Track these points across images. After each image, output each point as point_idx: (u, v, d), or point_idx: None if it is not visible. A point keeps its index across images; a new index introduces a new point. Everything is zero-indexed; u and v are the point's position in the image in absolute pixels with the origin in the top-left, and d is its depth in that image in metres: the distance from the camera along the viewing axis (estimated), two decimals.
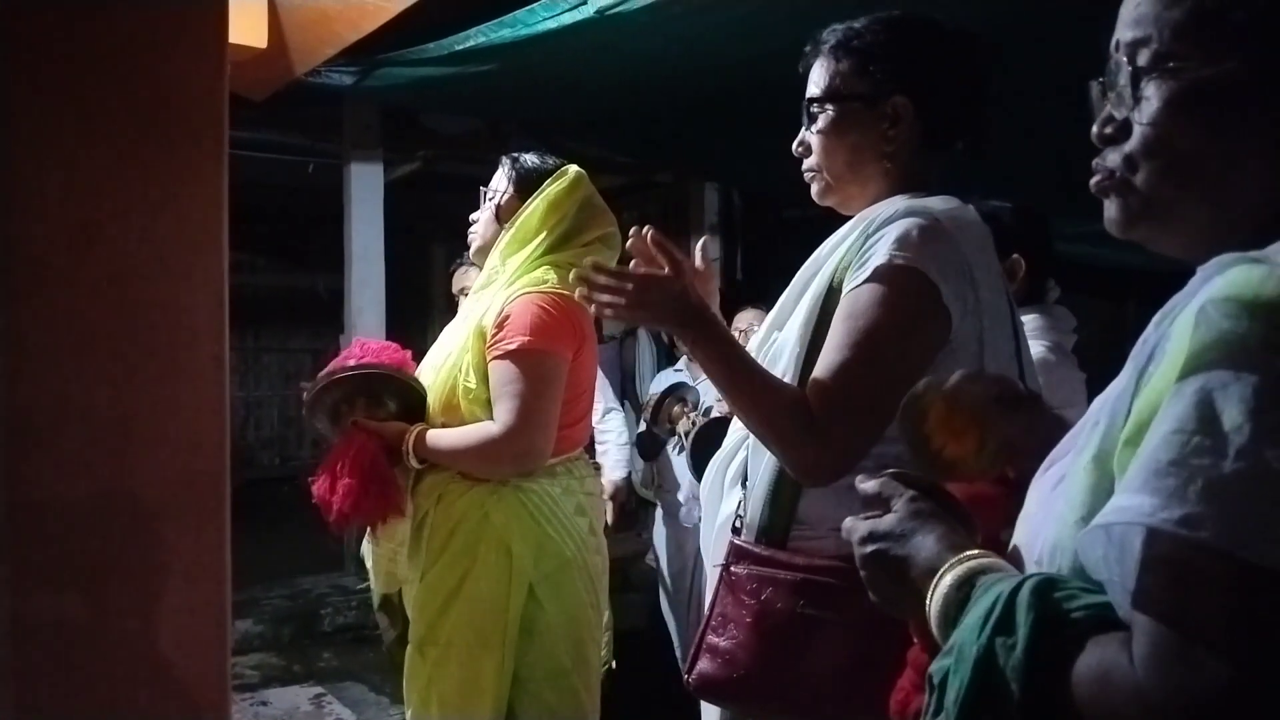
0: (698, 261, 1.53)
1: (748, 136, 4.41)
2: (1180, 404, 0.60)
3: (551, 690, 1.98)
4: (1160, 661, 0.58)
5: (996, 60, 1.38)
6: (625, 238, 1.38)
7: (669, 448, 3.39)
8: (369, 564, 2.36)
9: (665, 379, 3.49)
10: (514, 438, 1.87)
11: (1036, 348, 1.84)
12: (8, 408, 1.13)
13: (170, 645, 1.20)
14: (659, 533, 3.51)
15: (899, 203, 1.27)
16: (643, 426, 3.55)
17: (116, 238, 1.17)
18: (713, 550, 1.39)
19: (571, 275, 1.86)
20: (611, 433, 3.30)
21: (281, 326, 8.46)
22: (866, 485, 0.87)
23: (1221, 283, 0.62)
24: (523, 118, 5.15)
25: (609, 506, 3.06)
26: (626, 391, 4.84)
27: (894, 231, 1.22)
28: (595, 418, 3.16)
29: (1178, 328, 0.63)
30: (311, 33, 3.42)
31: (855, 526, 0.85)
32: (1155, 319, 0.68)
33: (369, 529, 2.23)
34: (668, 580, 3.47)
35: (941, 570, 0.76)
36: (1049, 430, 0.90)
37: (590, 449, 3.21)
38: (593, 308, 1.37)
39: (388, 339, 5.15)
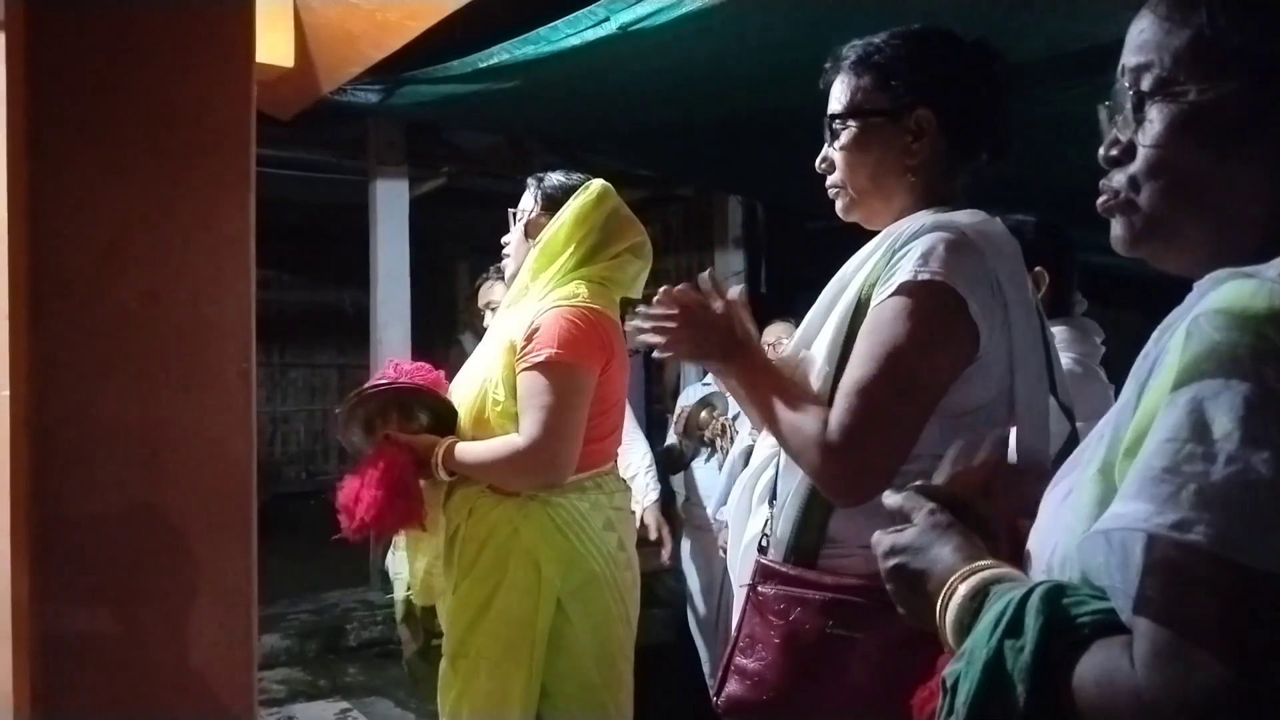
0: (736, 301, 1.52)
1: (770, 148, 4.41)
2: (1174, 413, 0.63)
3: (579, 705, 1.98)
4: (1158, 663, 0.61)
5: (1019, 72, 1.37)
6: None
7: (700, 459, 3.37)
8: (394, 577, 2.37)
9: (695, 392, 3.48)
10: (539, 449, 1.88)
11: (1063, 360, 1.82)
12: (38, 427, 1.13)
13: (196, 662, 1.21)
14: (686, 547, 3.49)
15: (925, 217, 1.26)
16: (671, 439, 3.54)
17: (144, 258, 1.18)
18: (739, 569, 1.38)
19: (569, 291, 1.95)
20: (635, 455, 3.26)
21: (308, 342, 8.52)
22: (891, 500, 0.90)
23: (1215, 297, 0.65)
24: (545, 133, 5.18)
25: (664, 535, 3.09)
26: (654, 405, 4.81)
27: (920, 246, 1.21)
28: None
29: (1174, 341, 0.66)
30: (338, 52, 3.45)
31: (879, 540, 0.88)
32: (1155, 334, 0.71)
33: (393, 541, 2.24)
34: (695, 596, 3.44)
35: (954, 580, 0.78)
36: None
37: None
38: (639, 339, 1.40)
39: (413, 354, 5.20)
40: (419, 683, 2.76)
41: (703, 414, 3.22)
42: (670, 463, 3.48)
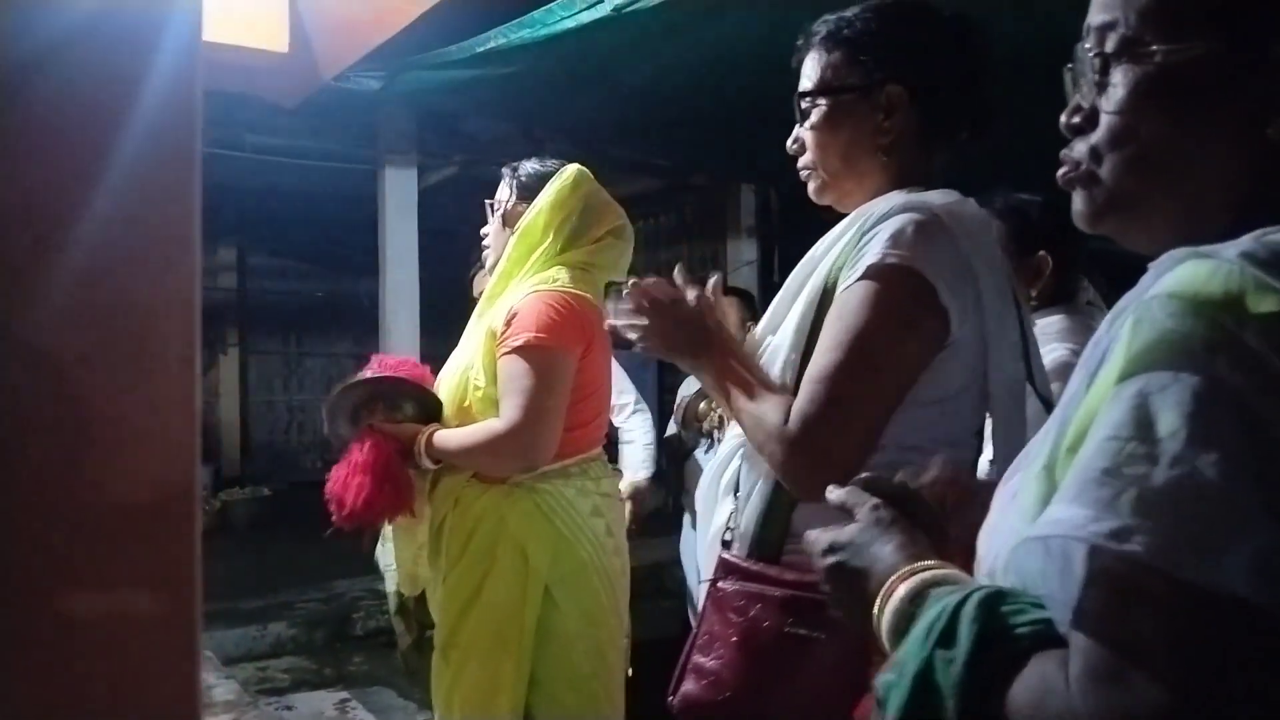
0: (710, 295, 1.48)
1: (783, 136, 4.33)
2: (1118, 408, 0.57)
3: (570, 694, 1.96)
4: (1093, 684, 0.56)
5: (1017, 45, 1.31)
6: (663, 240, 1.36)
7: (700, 450, 3.33)
8: (384, 570, 2.36)
9: (694, 383, 3.44)
10: (519, 433, 1.86)
11: (1060, 350, 1.75)
12: None
13: (137, 656, 1.16)
14: (687, 539, 3.45)
15: (895, 198, 1.20)
16: (672, 429, 3.50)
17: (81, 235, 1.13)
18: (705, 564, 1.33)
19: (549, 275, 1.92)
20: (636, 431, 3.23)
21: (325, 332, 8.56)
22: (833, 495, 0.85)
23: (1169, 279, 0.59)
24: (554, 120, 5.14)
25: (628, 509, 3.01)
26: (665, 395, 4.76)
27: (889, 228, 1.15)
28: (620, 417, 3.12)
29: (1124, 328, 0.60)
30: (336, 37, 3.42)
31: (816, 539, 0.83)
32: (1107, 318, 0.65)
33: (381, 533, 2.22)
34: (695, 588, 3.40)
35: (893, 581, 0.73)
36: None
37: (614, 449, 3.18)
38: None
39: (423, 343, 5.19)
40: (414, 674, 2.75)
41: (701, 405, 3.18)
42: (671, 453, 3.44)
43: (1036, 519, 0.64)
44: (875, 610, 0.74)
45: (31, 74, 1.11)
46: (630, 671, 2.28)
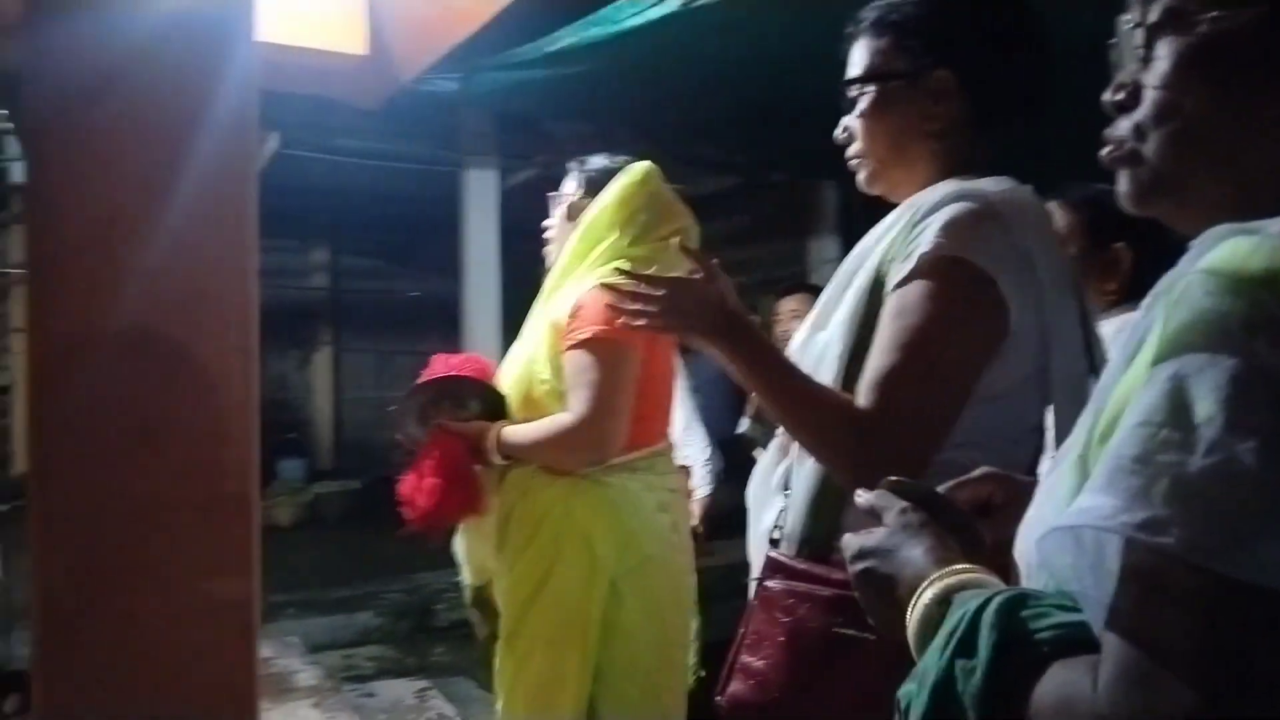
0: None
1: None
2: (1152, 392, 0.54)
3: (634, 687, 1.96)
4: (1122, 687, 0.53)
5: (1084, 31, 1.25)
6: (742, 240, 1.35)
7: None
8: (460, 560, 2.40)
9: None
10: (588, 425, 1.86)
11: None
12: (36, 404, 1.15)
13: (194, 640, 1.21)
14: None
15: (947, 186, 1.17)
16: (744, 425, 3.45)
17: (139, 232, 1.18)
18: (754, 562, 1.31)
19: (614, 268, 1.91)
20: (693, 448, 3.18)
21: (414, 330, 8.73)
22: (862, 499, 0.83)
23: (1210, 256, 0.55)
24: (633, 120, 5.14)
25: (697, 528, 2.99)
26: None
27: (941, 218, 1.11)
28: (676, 429, 3.10)
29: (1161, 308, 0.57)
30: (412, 40, 3.49)
31: (847, 543, 0.80)
32: (1147, 300, 0.61)
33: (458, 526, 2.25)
34: None
35: (922, 586, 0.71)
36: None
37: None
38: (619, 320, 1.34)
39: (504, 341, 5.26)
40: (492, 665, 2.79)
41: None
42: (742, 449, 3.40)
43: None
44: (906, 616, 0.72)
45: (103, 91, 1.16)
46: (703, 672, 2.27)
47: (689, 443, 3.15)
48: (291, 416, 8.93)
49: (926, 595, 0.70)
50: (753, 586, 1.26)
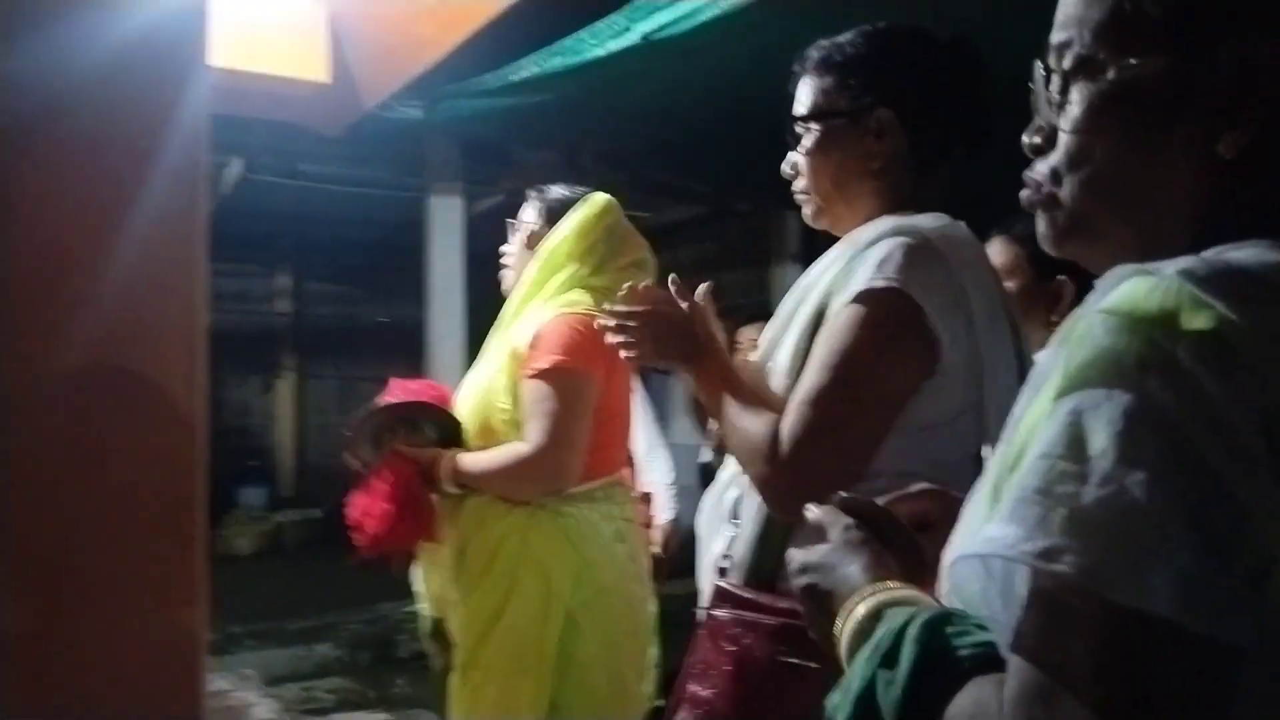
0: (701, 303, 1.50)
1: None
2: (1052, 426, 0.56)
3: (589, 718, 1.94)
4: (1024, 705, 0.55)
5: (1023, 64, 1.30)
6: (706, 267, 1.39)
7: None
8: (418, 590, 2.38)
9: None
10: (543, 456, 1.87)
11: None
12: None
13: (143, 672, 1.20)
14: None
15: (886, 223, 1.20)
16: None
17: (86, 259, 1.18)
18: (704, 591, 1.32)
19: (573, 299, 1.93)
20: (657, 472, 3.14)
21: (378, 356, 8.67)
22: (811, 514, 0.85)
23: (1112, 296, 0.58)
24: (598, 148, 5.19)
25: (660, 554, 2.98)
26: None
27: (878, 252, 1.14)
28: (639, 453, 3.09)
29: (1067, 345, 0.59)
30: (376, 67, 3.51)
31: (791, 556, 0.82)
32: (1056, 337, 0.64)
33: (414, 556, 2.23)
34: None
35: (853, 600, 0.73)
36: None
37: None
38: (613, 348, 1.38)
39: (467, 368, 5.24)
40: (448, 698, 2.77)
41: None
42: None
43: None
44: (836, 629, 0.74)
45: (50, 121, 1.16)
46: (660, 702, 2.26)
47: (652, 467, 3.15)
48: (253, 443, 8.81)
49: (859, 610, 0.72)
50: (701, 615, 1.27)
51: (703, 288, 1.37)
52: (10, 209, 1.18)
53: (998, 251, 1.87)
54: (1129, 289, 0.58)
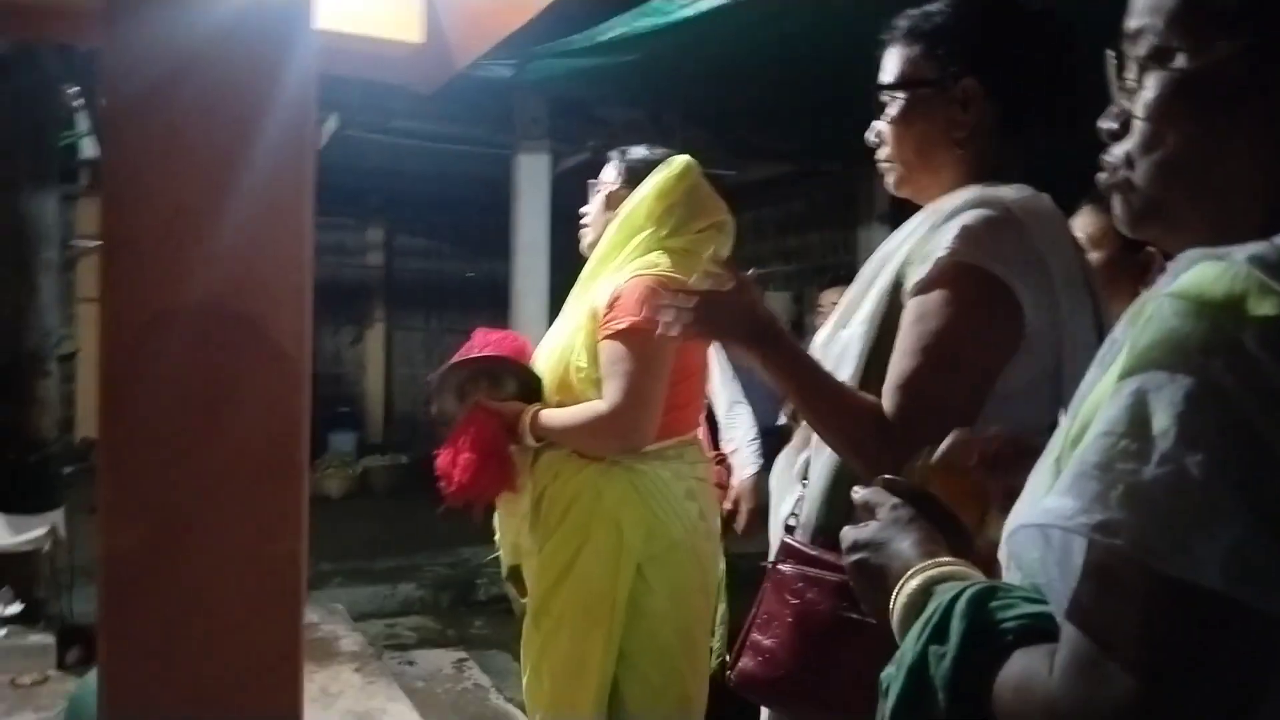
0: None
1: None
2: (1116, 404, 0.58)
3: (656, 671, 2.00)
4: (1074, 672, 0.58)
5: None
6: (792, 227, 1.41)
7: None
8: (498, 537, 2.47)
9: None
10: (620, 415, 1.91)
11: None
12: (106, 379, 1.25)
13: (247, 601, 1.30)
14: None
15: (968, 193, 1.20)
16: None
17: (204, 221, 1.27)
18: (773, 547, 1.37)
19: (652, 259, 1.93)
20: (738, 429, 3.17)
21: (463, 309, 8.87)
22: (858, 494, 0.88)
23: (1182, 279, 0.59)
24: (685, 107, 5.18)
25: (743, 510, 3.02)
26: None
27: (958, 224, 1.15)
28: (720, 411, 3.12)
29: (1135, 325, 0.61)
30: (468, 27, 3.57)
31: (844, 535, 0.86)
32: (1126, 316, 0.66)
33: (494, 505, 2.32)
34: None
35: (906, 577, 0.76)
36: None
37: (716, 442, 3.19)
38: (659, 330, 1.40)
39: (550, 323, 5.33)
40: None
41: None
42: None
43: None
44: (889, 604, 0.77)
45: (174, 81, 1.25)
46: (728, 656, 2.32)
47: (734, 424, 3.17)
48: (344, 391, 9.12)
49: (910, 585, 0.75)
50: (771, 569, 1.32)
51: (750, 272, 1.38)
52: (135, 169, 1.27)
53: (1087, 221, 1.85)
54: (1198, 273, 0.59)
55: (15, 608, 2.97)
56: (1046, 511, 0.60)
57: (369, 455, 8.01)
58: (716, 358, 3.12)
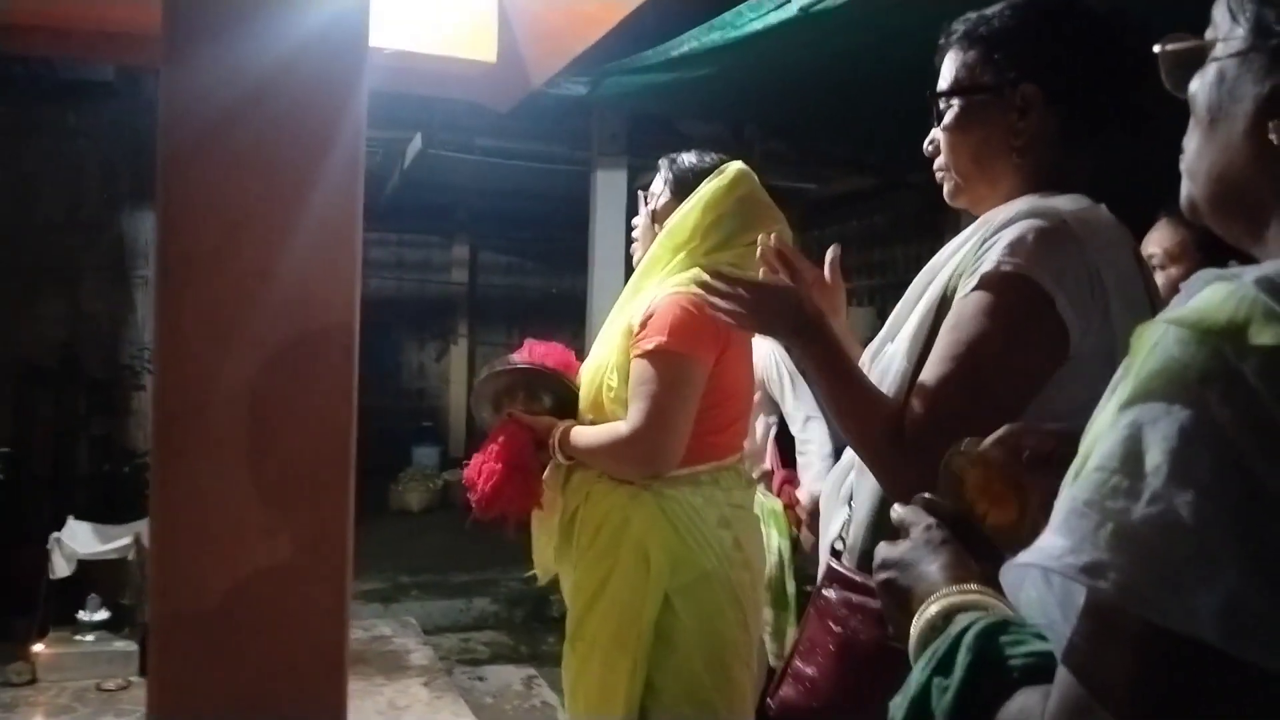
0: (825, 272, 1.47)
1: None
2: (1112, 438, 0.55)
3: (688, 703, 1.91)
4: (1062, 718, 0.55)
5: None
6: (876, 240, 1.40)
7: None
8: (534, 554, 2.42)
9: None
10: (639, 439, 1.84)
11: None
12: (161, 388, 1.28)
13: (291, 603, 1.33)
14: None
15: (1022, 203, 1.15)
16: None
17: (258, 238, 1.29)
18: (822, 570, 1.32)
19: (691, 275, 1.82)
20: (813, 443, 3.06)
21: (544, 325, 8.94)
22: (895, 512, 0.85)
23: (1191, 303, 0.56)
24: (765, 120, 5.13)
25: (804, 524, 2.93)
26: None
27: (1009, 235, 1.10)
28: (795, 427, 3.05)
29: (1141, 351, 0.57)
30: (542, 46, 3.62)
31: (877, 552, 0.84)
32: (1133, 341, 0.61)
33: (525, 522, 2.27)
34: None
35: (928, 602, 0.73)
36: None
37: (791, 459, 3.12)
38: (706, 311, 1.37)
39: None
40: None
41: None
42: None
43: None
44: (910, 628, 0.74)
45: (224, 123, 1.28)
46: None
47: (808, 439, 3.10)
48: (428, 405, 9.30)
49: (930, 610, 0.73)
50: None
51: (831, 252, 1.35)
52: (194, 198, 1.30)
53: (1164, 235, 1.76)
54: (1205, 297, 0.56)
55: (102, 614, 3.08)
56: (1037, 550, 0.57)
57: (450, 469, 8.14)
58: (787, 373, 3.06)
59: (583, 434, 1.96)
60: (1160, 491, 0.51)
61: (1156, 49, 0.69)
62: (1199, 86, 0.66)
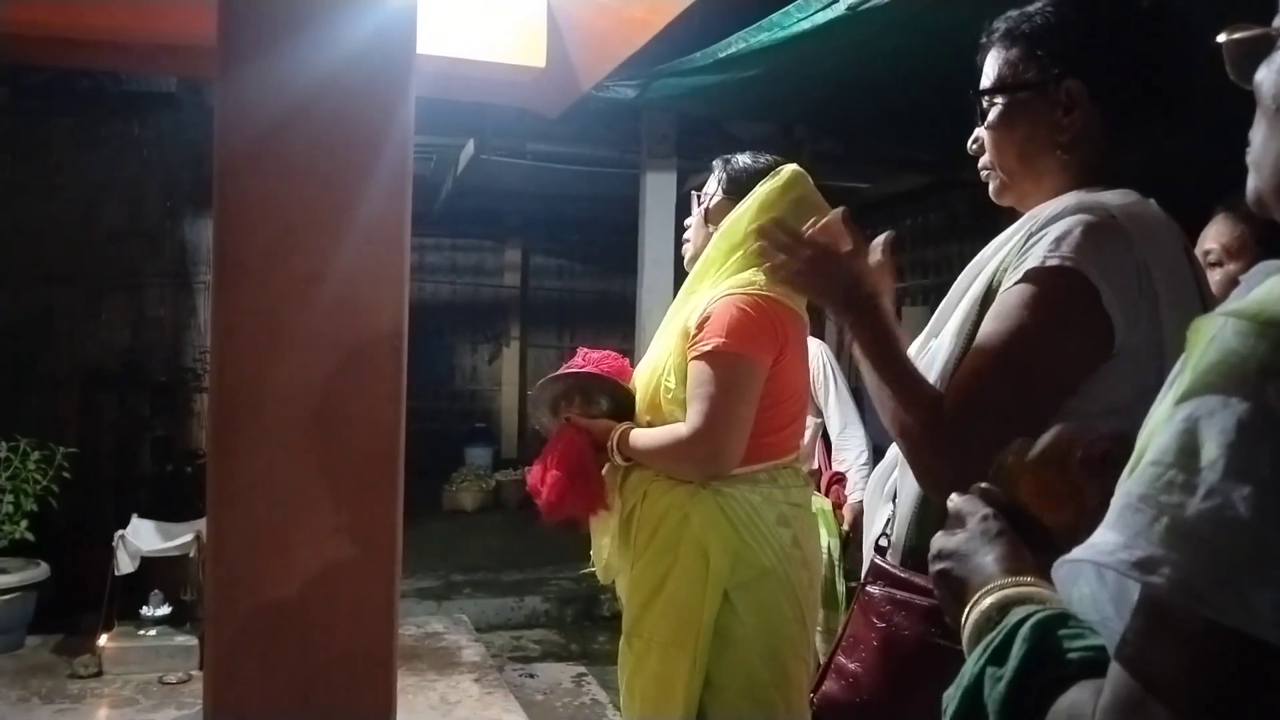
0: (878, 253, 1.46)
1: None
2: (1168, 432, 0.54)
3: (746, 700, 1.93)
4: (1114, 714, 0.54)
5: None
6: (931, 239, 1.40)
7: None
8: (593, 554, 2.45)
9: None
10: (700, 440, 1.86)
11: None
12: (217, 389, 1.32)
13: (342, 599, 1.36)
14: None
15: (1069, 199, 1.14)
16: None
17: (310, 242, 1.33)
18: (866, 567, 1.32)
19: (747, 277, 1.87)
20: (849, 452, 3.07)
21: (595, 327, 9.00)
22: (953, 501, 0.84)
23: (1250, 295, 0.55)
24: (816, 120, 5.10)
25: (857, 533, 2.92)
26: None
27: (1056, 230, 1.09)
28: (834, 432, 3.04)
29: (1199, 344, 0.56)
30: (590, 50, 3.64)
31: (934, 542, 0.83)
32: (1189, 335, 0.61)
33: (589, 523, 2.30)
34: None
35: (983, 593, 0.72)
36: None
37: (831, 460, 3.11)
38: (765, 264, 1.38)
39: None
40: None
41: None
42: None
43: None
44: (963, 620, 0.74)
45: (277, 132, 1.32)
46: None
47: (845, 446, 3.09)
48: (481, 406, 9.40)
49: (985, 602, 0.72)
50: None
51: (884, 235, 1.34)
52: (247, 204, 1.35)
53: (1221, 230, 1.72)
54: (1265, 289, 0.54)
55: (164, 609, 3.17)
56: (1089, 546, 0.56)
57: (503, 469, 8.21)
58: (832, 377, 3.05)
59: (642, 435, 1.98)
60: (1217, 486, 0.50)
61: (1221, 38, 0.67)
62: (1265, 75, 0.64)
